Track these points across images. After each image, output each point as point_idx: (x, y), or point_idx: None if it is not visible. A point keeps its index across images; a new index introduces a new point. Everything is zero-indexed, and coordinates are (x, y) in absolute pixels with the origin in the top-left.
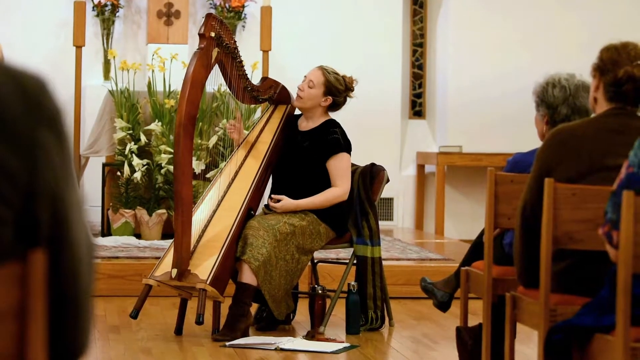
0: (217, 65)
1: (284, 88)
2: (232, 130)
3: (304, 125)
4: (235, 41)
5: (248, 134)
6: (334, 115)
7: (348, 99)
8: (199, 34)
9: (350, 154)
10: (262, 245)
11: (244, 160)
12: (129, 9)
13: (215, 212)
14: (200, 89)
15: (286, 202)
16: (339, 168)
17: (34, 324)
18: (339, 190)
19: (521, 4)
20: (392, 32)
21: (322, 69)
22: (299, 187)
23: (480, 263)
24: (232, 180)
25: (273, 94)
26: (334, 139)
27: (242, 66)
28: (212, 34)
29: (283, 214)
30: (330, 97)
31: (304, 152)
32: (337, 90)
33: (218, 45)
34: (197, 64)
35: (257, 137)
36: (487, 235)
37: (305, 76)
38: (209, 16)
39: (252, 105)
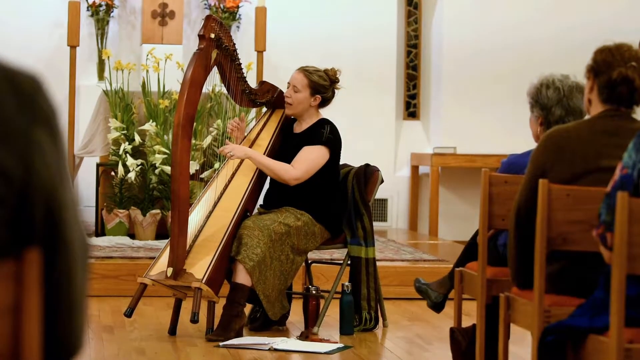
0: (215, 67)
1: (281, 92)
2: (233, 129)
3: (298, 128)
4: (234, 43)
5: (246, 136)
6: (326, 111)
7: (337, 92)
8: (199, 35)
9: (332, 151)
10: (257, 246)
11: (241, 162)
12: (124, 9)
13: (211, 212)
14: (199, 89)
15: (237, 147)
16: (307, 156)
17: (29, 323)
18: (292, 172)
19: (516, 5)
20: (387, 33)
21: (303, 70)
22: (293, 191)
23: (474, 264)
24: (229, 181)
25: (270, 97)
26: (319, 133)
27: (241, 68)
28: (212, 36)
29: (278, 215)
30: (318, 96)
31: (294, 152)
32: (323, 86)
33: (217, 46)
34: (196, 64)
35: (255, 139)
36: (481, 236)
37: (288, 82)
38: (208, 18)
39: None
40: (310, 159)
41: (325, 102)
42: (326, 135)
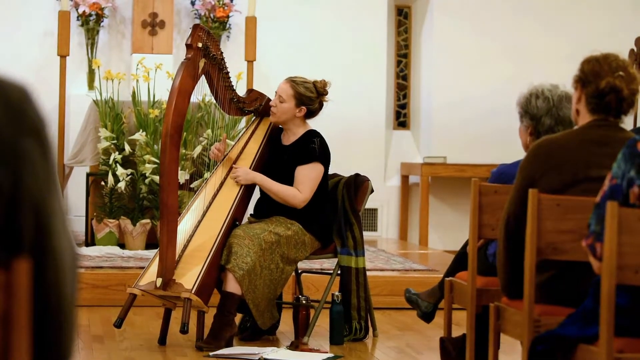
0: (203, 76)
1: (269, 100)
2: (216, 154)
3: (286, 139)
4: (222, 52)
5: (234, 145)
6: (315, 121)
7: (325, 103)
8: (186, 45)
9: (325, 165)
10: (247, 254)
11: (230, 170)
12: (114, 18)
13: (200, 222)
14: (187, 99)
15: (245, 169)
16: (306, 175)
17: (18, 333)
18: (299, 195)
19: (505, 15)
20: (377, 43)
21: (290, 81)
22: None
23: (464, 274)
24: (218, 190)
25: (259, 106)
26: (311, 148)
27: (229, 77)
28: (200, 45)
29: (268, 224)
30: (303, 107)
31: (285, 166)
32: (309, 98)
33: (205, 56)
34: (184, 74)
35: (243, 148)
36: (471, 245)
37: (276, 92)
38: (196, 27)
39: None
40: (312, 179)
41: (311, 114)
42: (318, 150)
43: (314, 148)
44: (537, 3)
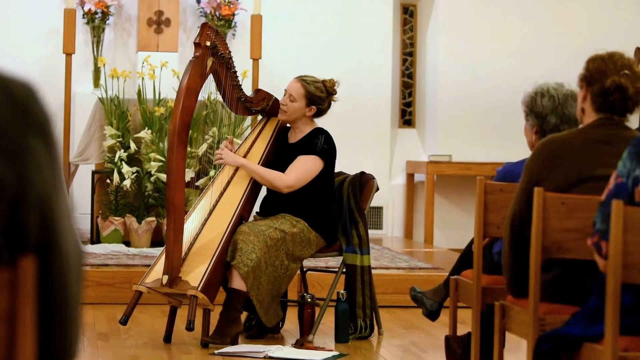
0: (210, 75)
1: (276, 100)
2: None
3: (293, 137)
4: (229, 51)
5: (240, 145)
6: (321, 120)
7: (333, 103)
8: (195, 43)
9: (326, 162)
10: (252, 251)
11: (237, 169)
12: (119, 16)
13: (207, 220)
14: (194, 97)
15: (231, 154)
16: (300, 164)
17: (24, 330)
18: (284, 179)
19: (511, 14)
20: (382, 41)
21: (301, 80)
22: (289, 198)
23: (469, 272)
24: (225, 189)
25: (266, 105)
26: (314, 143)
27: (236, 76)
28: (208, 43)
29: (274, 221)
30: (314, 107)
31: (290, 163)
32: (319, 98)
33: (213, 54)
34: (192, 72)
35: (250, 147)
36: (477, 244)
37: (285, 90)
38: (204, 25)
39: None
40: (303, 168)
41: (320, 113)
42: (320, 145)
43: (316, 142)
44: (542, 1)
